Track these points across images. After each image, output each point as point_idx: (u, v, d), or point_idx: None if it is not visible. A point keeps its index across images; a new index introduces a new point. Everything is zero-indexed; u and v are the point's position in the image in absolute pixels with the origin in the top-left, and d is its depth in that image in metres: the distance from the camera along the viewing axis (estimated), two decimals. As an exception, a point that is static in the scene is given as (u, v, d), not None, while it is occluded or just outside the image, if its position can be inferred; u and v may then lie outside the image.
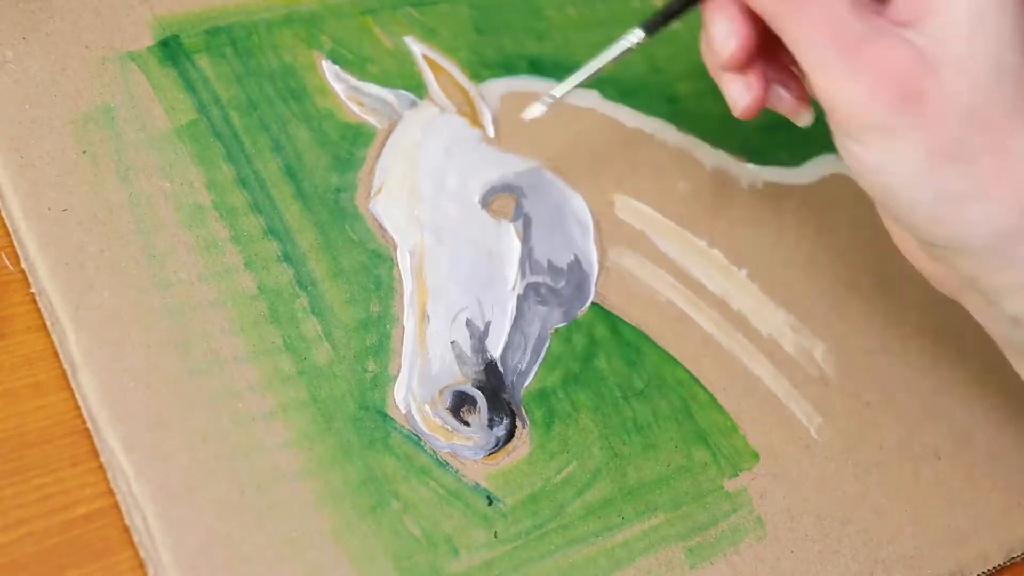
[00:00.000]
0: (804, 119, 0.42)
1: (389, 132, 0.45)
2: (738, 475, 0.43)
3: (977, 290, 0.39)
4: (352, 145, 0.44)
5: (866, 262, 0.50)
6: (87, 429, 0.37)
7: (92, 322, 0.37)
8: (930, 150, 0.35)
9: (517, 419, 0.41)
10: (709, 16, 0.39)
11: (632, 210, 0.48)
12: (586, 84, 0.42)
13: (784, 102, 0.42)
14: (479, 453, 0.40)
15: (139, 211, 0.40)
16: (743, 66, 0.40)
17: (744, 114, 0.41)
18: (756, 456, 0.44)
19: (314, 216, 0.42)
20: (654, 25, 0.41)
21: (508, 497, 0.40)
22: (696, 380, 0.45)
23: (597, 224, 0.47)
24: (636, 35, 0.41)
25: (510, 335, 0.43)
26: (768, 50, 0.40)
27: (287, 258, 0.41)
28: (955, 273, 0.39)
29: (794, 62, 0.39)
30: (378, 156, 0.45)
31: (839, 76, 0.35)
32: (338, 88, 0.46)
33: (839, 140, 0.37)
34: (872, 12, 0.36)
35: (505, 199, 0.45)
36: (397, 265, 0.43)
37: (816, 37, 0.35)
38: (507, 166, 0.46)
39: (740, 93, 0.40)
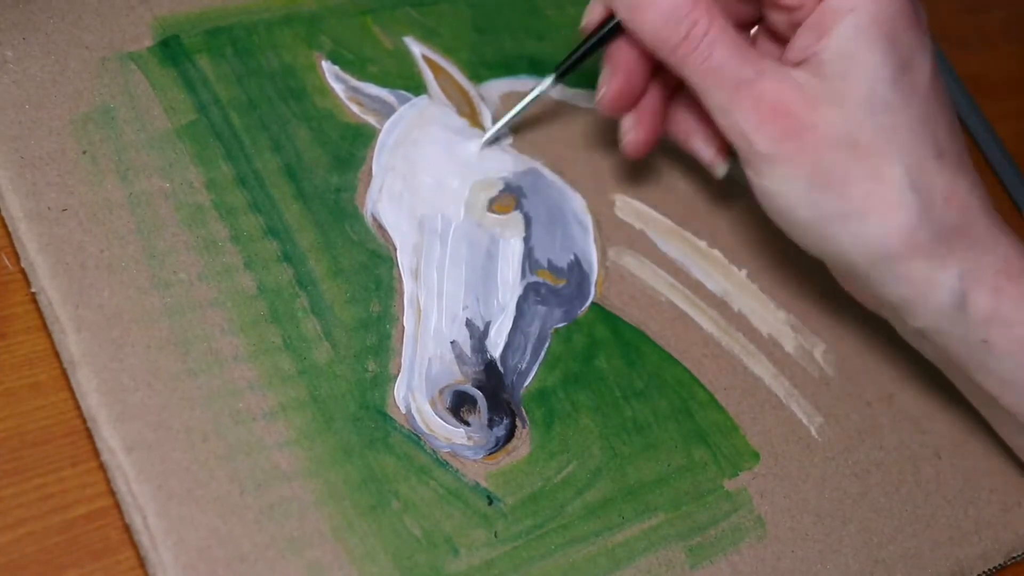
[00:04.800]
0: (719, 170, 0.46)
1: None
2: (738, 475, 0.43)
3: (884, 306, 0.43)
4: (352, 145, 0.44)
5: (866, 262, 0.50)
6: (87, 429, 0.36)
7: (92, 322, 0.37)
8: (809, 175, 0.39)
9: (517, 419, 0.41)
10: (605, 59, 0.44)
11: (632, 210, 0.48)
12: (507, 126, 0.46)
13: (703, 153, 0.46)
14: (479, 453, 0.40)
15: (139, 211, 0.40)
16: (620, 111, 0.44)
17: (627, 150, 0.45)
18: (756, 456, 0.44)
19: (314, 216, 0.42)
20: (564, 70, 0.45)
21: (508, 497, 0.40)
22: (696, 380, 0.45)
23: (597, 224, 0.47)
24: (548, 80, 0.45)
25: (510, 335, 0.43)
26: (695, 104, 0.44)
27: (287, 258, 0.41)
28: (868, 291, 0.43)
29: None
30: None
31: (732, 114, 0.40)
32: (338, 88, 0.46)
33: (744, 171, 0.42)
34: (761, 55, 0.40)
35: (505, 199, 0.45)
36: (397, 265, 0.43)
37: (709, 82, 0.40)
38: (507, 166, 0.46)
39: (625, 130, 0.45)
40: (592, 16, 0.44)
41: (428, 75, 0.47)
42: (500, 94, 0.48)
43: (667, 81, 0.45)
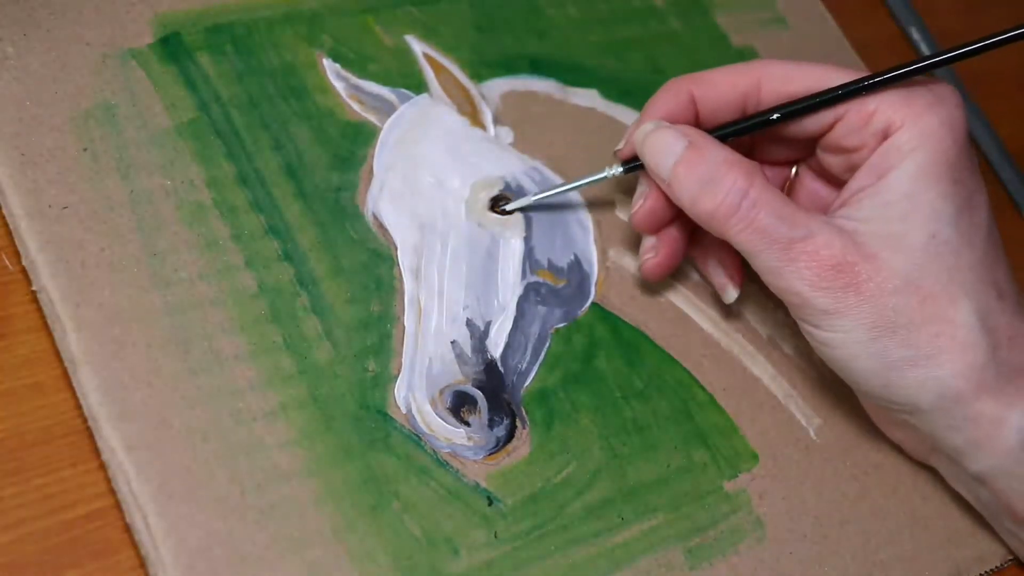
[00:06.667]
0: (728, 296, 0.45)
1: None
2: (737, 476, 0.43)
3: (941, 452, 0.42)
4: (353, 144, 0.44)
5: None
6: (87, 429, 0.36)
7: (92, 321, 0.37)
8: (872, 324, 0.38)
9: (517, 419, 0.41)
10: (640, 176, 0.43)
11: (632, 210, 0.48)
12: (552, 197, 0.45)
13: (716, 277, 0.45)
14: (479, 453, 0.40)
15: (140, 209, 0.40)
16: (650, 230, 0.44)
17: (644, 272, 0.44)
18: (755, 457, 0.44)
19: (315, 215, 0.42)
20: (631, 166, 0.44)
21: (508, 497, 0.40)
22: (696, 380, 0.45)
23: (597, 224, 0.47)
24: (616, 169, 0.44)
25: (510, 335, 0.43)
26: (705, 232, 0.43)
27: (288, 257, 0.41)
28: (920, 438, 0.42)
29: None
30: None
31: (782, 276, 0.39)
32: (339, 86, 0.45)
33: (798, 322, 0.41)
34: (807, 212, 0.39)
35: (506, 199, 0.45)
36: (398, 264, 0.43)
37: (756, 246, 0.39)
38: (507, 165, 0.46)
39: (644, 250, 0.44)
40: (625, 151, 0.44)
41: (429, 73, 0.47)
42: (501, 93, 0.48)
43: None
